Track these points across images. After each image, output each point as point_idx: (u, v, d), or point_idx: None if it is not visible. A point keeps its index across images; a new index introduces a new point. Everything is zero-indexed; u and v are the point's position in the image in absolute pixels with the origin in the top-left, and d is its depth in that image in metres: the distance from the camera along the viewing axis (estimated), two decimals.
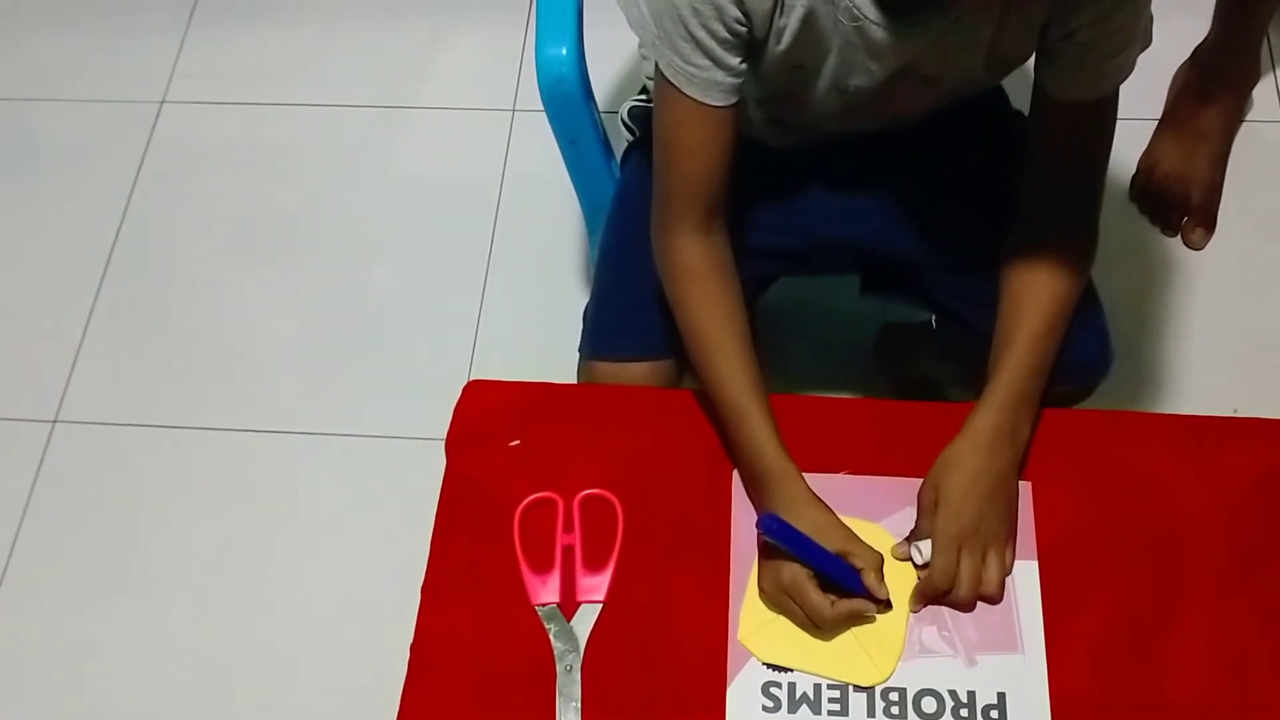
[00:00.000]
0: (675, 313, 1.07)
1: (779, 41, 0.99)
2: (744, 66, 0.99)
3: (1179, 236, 1.79)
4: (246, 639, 1.59)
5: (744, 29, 0.96)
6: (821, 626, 0.94)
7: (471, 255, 1.85)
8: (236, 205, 1.94)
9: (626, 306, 1.17)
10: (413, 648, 0.98)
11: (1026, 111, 1.10)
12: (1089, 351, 1.13)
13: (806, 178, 1.24)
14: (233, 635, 1.59)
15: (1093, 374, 1.19)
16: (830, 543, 0.94)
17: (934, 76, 1.05)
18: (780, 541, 0.92)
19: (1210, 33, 1.75)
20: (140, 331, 1.83)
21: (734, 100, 1.00)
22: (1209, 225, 1.78)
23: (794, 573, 0.94)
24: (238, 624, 1.60)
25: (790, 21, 0.97)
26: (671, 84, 0.99)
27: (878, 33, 0.97)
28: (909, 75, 1.03)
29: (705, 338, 1.04)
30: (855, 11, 0.96)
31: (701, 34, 0.95)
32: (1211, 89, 1.76)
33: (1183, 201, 1.78)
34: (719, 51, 0.96)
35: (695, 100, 0.99)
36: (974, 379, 1.05)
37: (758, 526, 0.93)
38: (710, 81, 0.98)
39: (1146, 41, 1.00)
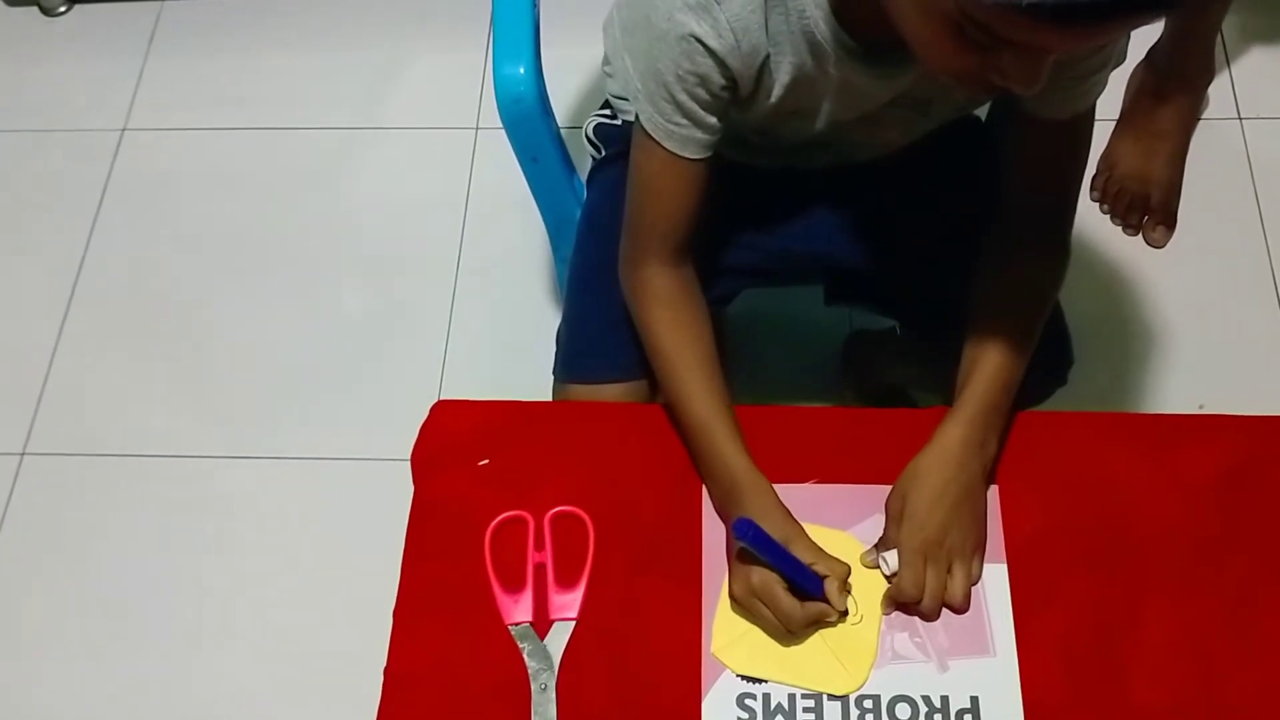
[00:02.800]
0: (641, 337, 1.08)
1: (770, 96, 1.00)
2: (722, 125, 0.99)
3: (1140, 235, 1.80)
4: (218, 665, 1.58)
5: (727, 93, 0.97)
6: (791, 630, 0.95)
7: (438, 274, 1.85)
8: (201, 231, 1.93)
9: (599, 328, 1.17)
10: (386, 671, 0.97)
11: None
12: (1049, 359, 1.14)
13: (774, 194, 1.24)
14: (204, 662, 1.58)
15: (1052, 378, 1.20)
16: (798, 555, 0.94)
17: (924, 103, 1.05)
18: (754, 546, 0.92)
19: (1163, 33, 1.77)
20: (107, 360, 1.82)
21: (710, 153, 1.01)
22: (1169, 223, 1.80)
23: (764, 576, 0.94)
24: (209, 651, 1.59)
25: (780, 77, 0.98)
26: (651, 137, 0.99)
27: (866, 80, 0.98)
28: (901, 103, 1.04)
29: (671, 359, 1.04)
30: (841, 64, 0.96)
31: (684, 98, 0.96)
32: (1167, 88, 1.78)
33: (1142, 200, 1.80)
34: (700, 113, 0.97)
35: (673, 153, 1.00)
36: (939, 383, 1.06)
37: (733, 533, 0.94)
38: (689, 138, 0.99)
39: (1121, 59, 1.01)
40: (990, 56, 0.79)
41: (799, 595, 0.94)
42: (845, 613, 0.96)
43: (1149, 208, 1.80)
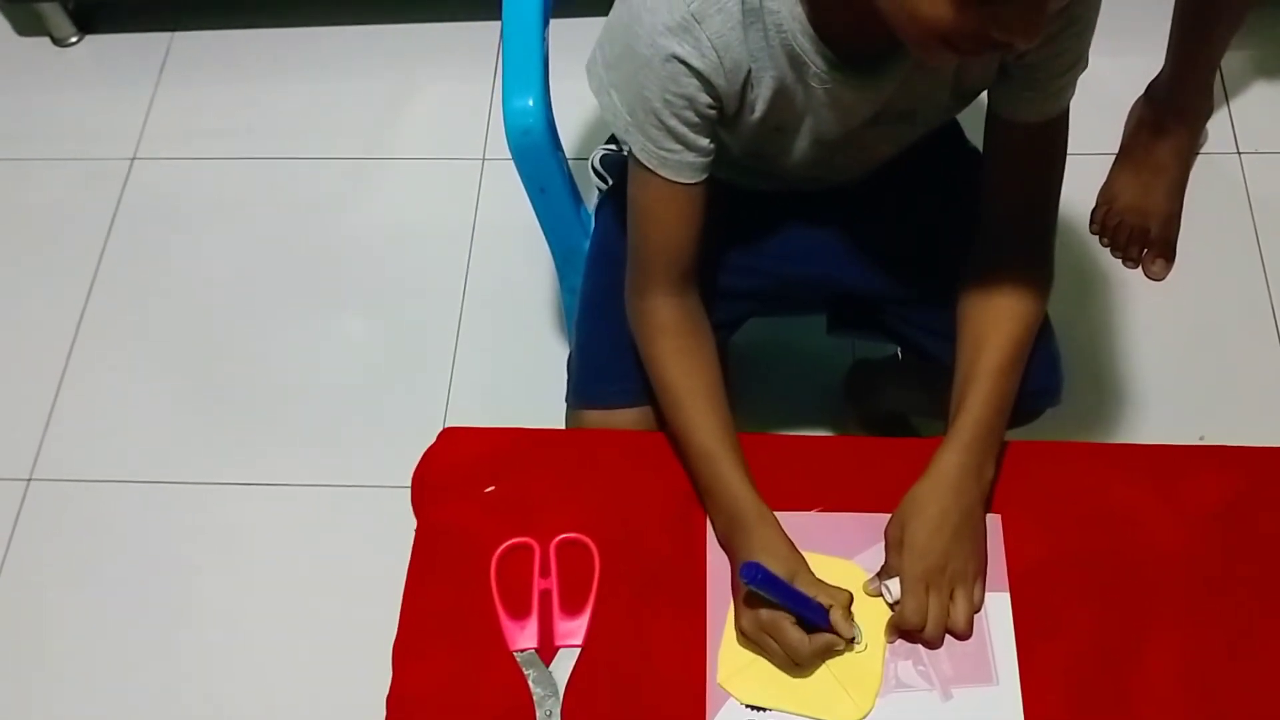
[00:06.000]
0: (647, 369, 1.08)
1: (753, 111, 1.01)
2: (713, 145, 1.01)
3: (1140, 268, 1.82)
4: (223, 691, 1.58)
5: (714, 112, 0.98)
6: (800, 663, 0.95)
7: (445, 303, 1.86)
8: (208, 259, 1.94)
9: (610, 354, 1.18)
10: (390, 697, 0.98)
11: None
12: (1039, 379, 1.14)
13: (772, 218, 1.26)
14: (209, 688, 1.58)
15: (1043, 400, 1.21)
16: (800, 585, 0.95)
17: (908, 113, 1.07)
18: (765, 589, 0.93)
19: (1163, 69, 1.79)
20: (113, 387, 1.83)
21: (705, 176, 1.02)
22: (1168, 256, 1.81)
23: (772, 613, 0.95)
24: (214, 677, 1.59)
25: (762, 92, 0.99)
26: (645, 166, 1.01)
27: (847, 91, 1.00)
28: (885, 116, 1.05)
29: (675, 389, 1.05)
30: (821, 76, 0.98)
31: (673, 122, 0.97)
32: (1166, 123, 1.80)
33: (1141, 234, 1.81)
34: (690, 136, 0.98)
35: (668, 180, 1.01)
36: (940, 409, 1.07)
37: (740, 576, 0.94)
38: (682, 163, 1.00)
39: (1084, 65, 1.03)
40: (992, 9, 0.79)
41: (806, 628, 0.95)
42: (854, 640, 0.96)
43: (1148, 240, 1.81)
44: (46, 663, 1.62)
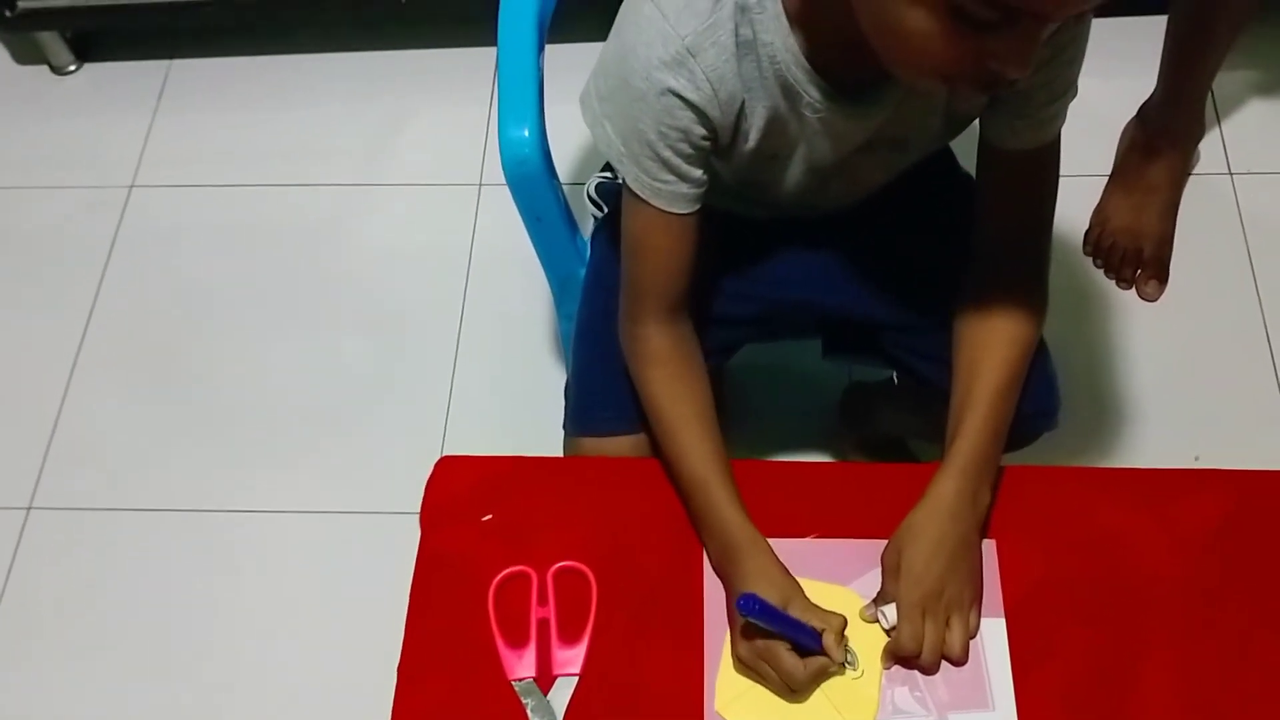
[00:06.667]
0: (640, 395, 1.09)
1: (747, 141, 1.02)
2: (706, 176, 1.02)
3: (1133, 289, 1.83)
4: (224, 719, 1.58)
5: (708, 143, 0.99)
6: (796, 689, 0.96)
7: (442, 330, 1.86)
8: (207, 286, 1.95)
9: (607, 381, 1.18)
10: None
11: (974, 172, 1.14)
12: (1036, 403, 1.15)
13: (766, 244, 1.27)
14: (210, 716, 1.58)
15: (1040, 424, 1.22)
16: (794, 611, 0.96)
17: (900, 141, 1.08)
18: (761, 620, 0.93)
19: (1155, 91, 1.80)
20: (113, 415, 1.83)
21: (698, 206, 1.03)
22: (1161, 277, 1.82)
23: (768, 640, 0.95)
24: (214, 705, 1.59)
25: (755, 122, 1.00)
26: (639, 196, 1.02)
27: (839, 119, 1.00)
28: (877, 144, 1.06)
29: (668, 417, 1.06)
30: (815, 106, 0.99)
31: (668, 154, 0.98)
32: (1158, 144, 1.81)
33: (1135, 255, 1.82)
34: (684, 167, 0.99)
35: (661, 210, 1.02)
36: (936, 432, 1.08)
37: (736, 608, 0.95)
38: (676, 194, 1.01)
39: (1074, 92, 1.04)
40: (984, 40, 0.80)
41: (802, 653, 0.95)
42: (846, 664, 0.96)
43: (1141, 261, 1.82)
44: (46, 691, 1.62)
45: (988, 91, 0.89)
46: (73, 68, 2.21)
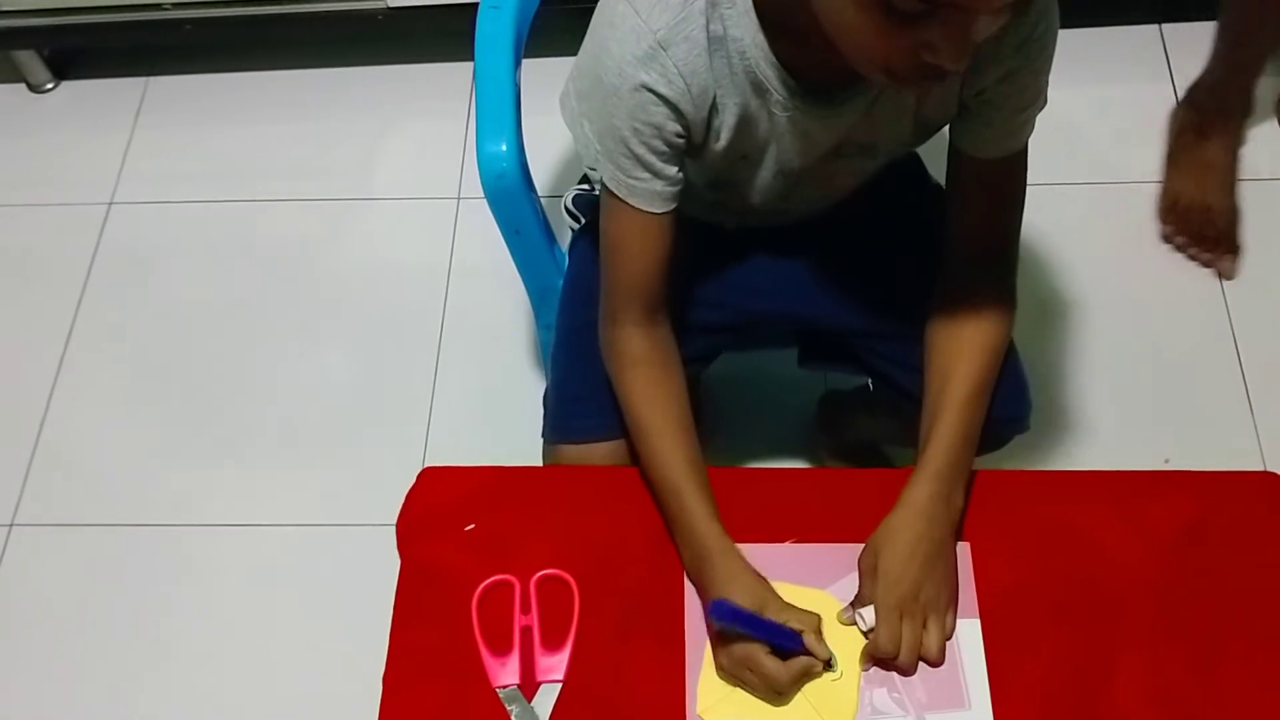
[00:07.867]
0: (619, 399, 1.11)
1: (719, 139, 1.04)
2: (681, 174, 1.03)
3: (1210, 266, 1.84)
4: None
5: (682, 140, 1.01)
6: (780, 691, 0.97)
7: (422, 342, 1.87)
8: (187, 303, 1.96)
9: (586, 389, 1.20)
10: None
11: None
12: (1007, 408, 1.17)
13: (742, 253, 1.28)
14: None
15: (1011, 429, 1.24)
16: (770, 614, 0.97)
17: (869, 146, 1.10)
18: (734, 624, 0.95)
19: (1205, 72, 1.83)
20: (94, 431, 1.84)
21: (674, 205, 1.05)
22: (1235, 251, 1.85)
23: (746, 646, 0.97)
24: (199, 718, 1.59)
25: (726, 119, 1.02)
26: (615, 195, 1.03)
27: (808, 119, 1.02)
28: (847, 148, 1.08)
29: (643, 421, 1.08)
30: (783, 103, 1.01)
31: (642, 150, 1.00)
32: (1208, 123, 1.84)
33: (1209, 229, 1.84)
34: (658, 164, 1.01)
35: (638, 209, 1.03)
36: (911, 437, 1.09)
37: (710, 615, 0.96)
38: (651, 192, 1.02)
39: (1043, 102, 1.06)
40: (919, 31, 0.81)
41: (782, 655, 0.97)
42: (829, 661, 0.98)
43: (1216, 238, 1.84)
44: (30, 708, 1.61)
45: (931, 83, 0.91)
46: (50, 85, 2.21)
